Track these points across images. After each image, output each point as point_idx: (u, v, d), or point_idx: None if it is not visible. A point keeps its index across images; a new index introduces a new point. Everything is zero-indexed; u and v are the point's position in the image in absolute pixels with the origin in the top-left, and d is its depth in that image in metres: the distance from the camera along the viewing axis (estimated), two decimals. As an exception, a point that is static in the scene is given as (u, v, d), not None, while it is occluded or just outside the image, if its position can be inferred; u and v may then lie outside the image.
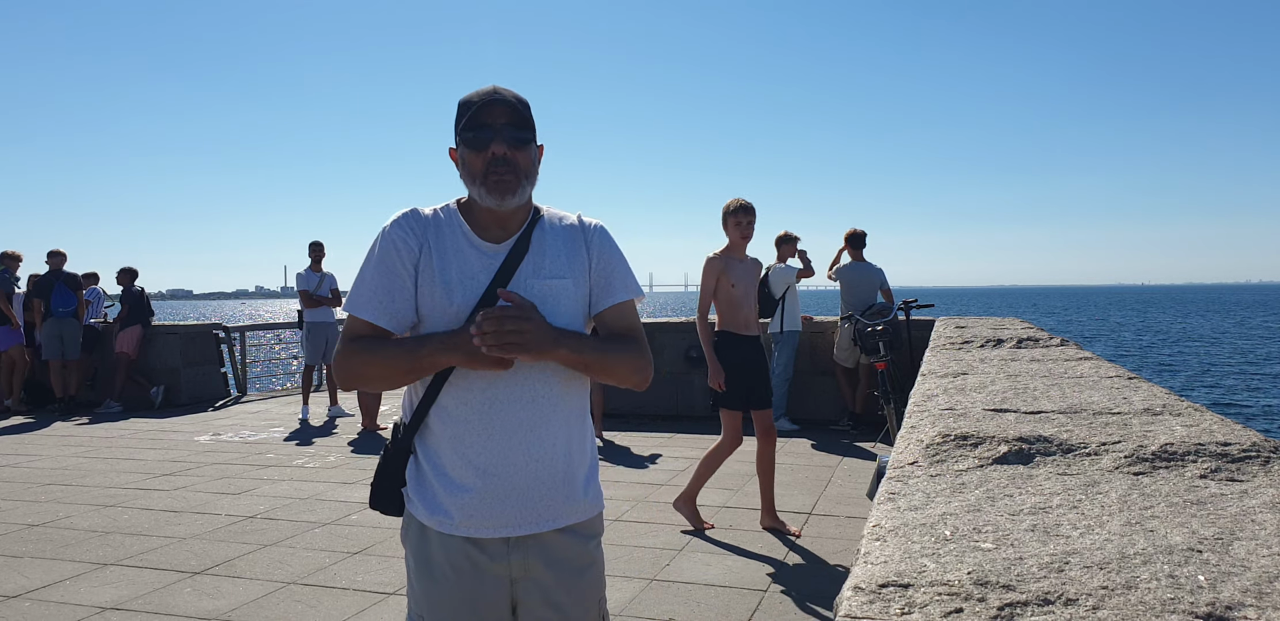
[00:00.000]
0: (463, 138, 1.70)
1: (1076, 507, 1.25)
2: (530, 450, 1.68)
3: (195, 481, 6.31)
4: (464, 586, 1.71)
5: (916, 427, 1.87)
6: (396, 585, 4.05)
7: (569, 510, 1.74)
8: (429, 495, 1.72)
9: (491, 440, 1.67)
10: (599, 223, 1.85)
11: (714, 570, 4.22)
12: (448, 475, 1.69)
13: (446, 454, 1.70)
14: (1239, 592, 0.90)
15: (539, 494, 1.70)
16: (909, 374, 6.84)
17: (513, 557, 1.71)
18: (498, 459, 1.67)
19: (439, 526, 1.71)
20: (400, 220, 1.76)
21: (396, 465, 1.76)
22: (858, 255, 8.59)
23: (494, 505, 1.68)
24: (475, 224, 1.76)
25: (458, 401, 1.69)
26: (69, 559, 4.49)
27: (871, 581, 0.96)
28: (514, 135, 1.69)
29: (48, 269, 10.12)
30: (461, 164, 1.73)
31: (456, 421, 1.69)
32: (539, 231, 1.78)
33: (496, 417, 1.67)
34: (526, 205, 1.78)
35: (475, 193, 1.72)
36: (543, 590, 1.74)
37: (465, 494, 1.68)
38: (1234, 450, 1.54)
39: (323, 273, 9.40)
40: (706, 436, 7.91)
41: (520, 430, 1.68)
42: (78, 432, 8.64)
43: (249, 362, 12.28)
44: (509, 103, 1.69)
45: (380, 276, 1.72)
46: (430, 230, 1.75)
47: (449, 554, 1.71)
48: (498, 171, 1.68)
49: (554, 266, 1.75)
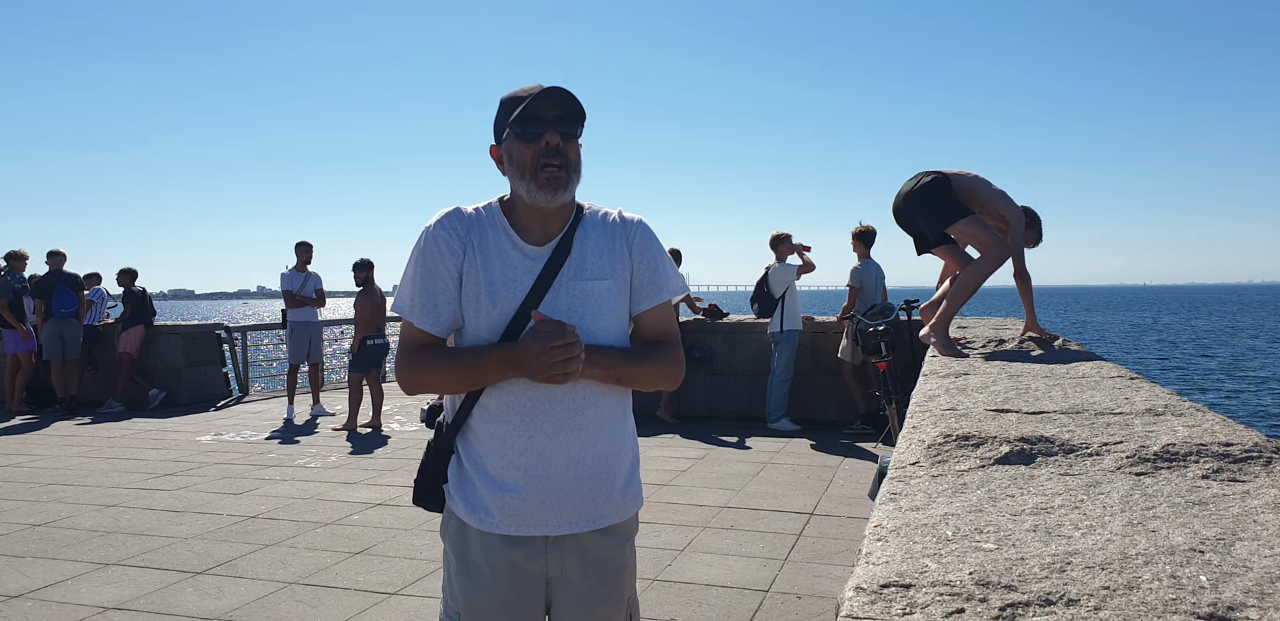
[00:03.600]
0: (513, 130, 1.69)
1: (1078, 508, 1.25)
2: (571, 452, 1.69)
3: (197, 481, 6.31)
4: (500, 585, 1.72)
5: (918, 428, 1.87)
6: (398, 585, 4.06)
7: (608, 511, 1.75)
8: (470, 493, 1.73)
9: (532, 441, 1.68)
10: (640, 218, 1.83)
11: (715, 570, 4.22)
12: (489, 474, 1.70)
13: (488, 453, 1.71)
14: (1241, 593, 0.90)
15: (579, 495, 1.71)
16: (910, 374, 6.83)
17: (550, 556, 1.72)
18: (538, 459, 1.68)
19: (479, 524, 1.72)
20: (444, 220, 1.75)
21: (439, 462, 1.79)
22: (866, 253, 8.36)
23: (534, 505, 1.69)
24: (517, 224, 1.75)
25: (499, 402, 1.70)
26: (71, 558, 4.50)
27: (873, 581, 0.96)
28: (566, 128, 1.69)
29: (48, 269, 10.13)
30: (508, 159, 1.72)
31: (498, 421, 1.69)
32: (581, 231, 1.76)
33: (538, 419, 1.68)
34: (570, 203, 1.77)
35: (523, 188, 1.70)
36: (576, 590, 1.75)
37: (506, 493, 1.69)
38: (1236, 450, 1.54)
39: (308, 273, 9.43)
40: (707, 437, 7.92)
41: (561, 431, 1.69)
42: (79, 432, 8.64)
43: (250, 362, 12.29)
44: (562, 96, 1.69)
45: (424, 279, 1.73)
46: (474, 230, 1.74)
47: (487, 552, 1.72)
48: (551, 164, 1.66)
49: (595, 268, 1.73)
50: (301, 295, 9.33)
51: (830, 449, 7.36)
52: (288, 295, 9.30)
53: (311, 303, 9.41)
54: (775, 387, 8.37)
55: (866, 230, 8.43)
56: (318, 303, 9.47)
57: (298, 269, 9.37)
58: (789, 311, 8.35)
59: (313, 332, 9.51)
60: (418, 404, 10.20)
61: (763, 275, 8.51)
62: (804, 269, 8.35)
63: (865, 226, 8.45)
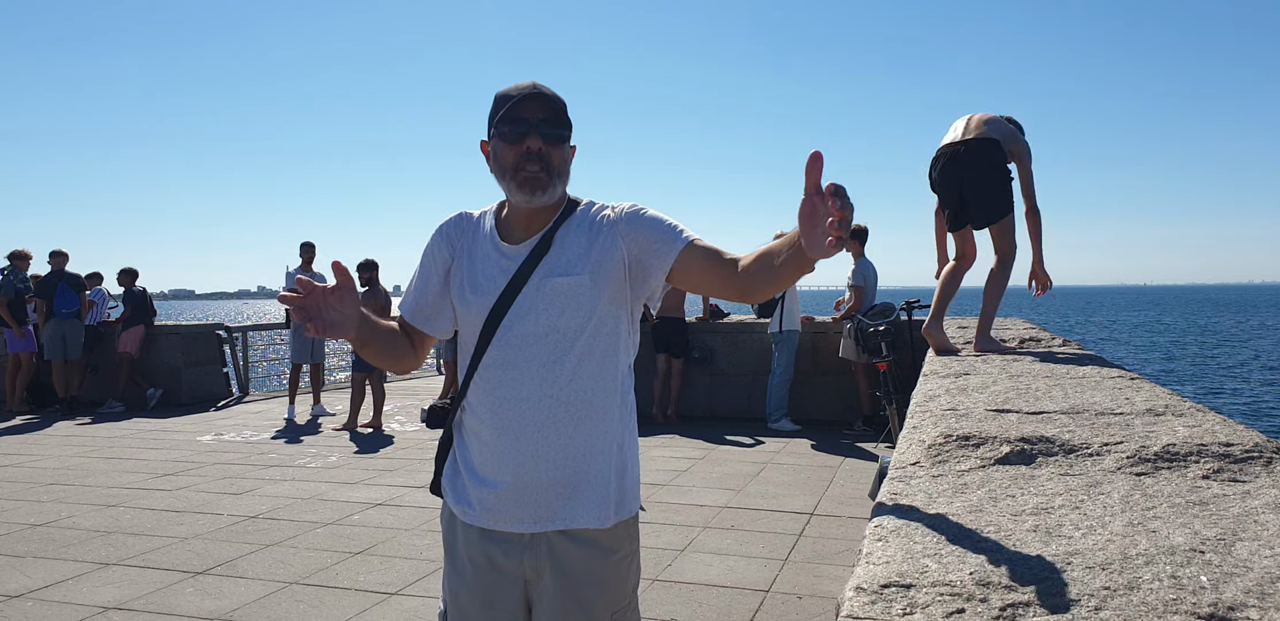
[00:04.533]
0: (498, 130, 1.70)
1: (1079, 508, 1.25)
2: (540, 450, 1.69)
3: (197, 481, 6.31)
4: (479, 580, 1.76)
5: (918, 428, 1.87)
6: (399, 585, 4.06)
7: (578, 514, 1.71)
8: (458, 485, 1.80)
9: (501, 438, 1.71)
10: (628, 205, 1.78)
11: (716, 570, 4.22)
12: (473, 468, 1.76)
13: (472, 447, 1.77)
14: (1241, 593, 0.90)
15: (550, 494, 1.70)
16: (911, 374, 6.83)
17: (525, 557, 1.73)
18: (510, 456, 1.71)
19: (463, 516, 1.77)
20: (443, 225, 1.86)
21: (442, 453, 1.87)
22: (861, 251, 8.30)
23: (507, 501, 1.71)
24: (505, 225, 1.80)
25: (478, 399, 1.75)
26: (71, 558, 4.50)
27: (874, 581, 0.96)
28: (550, 131, 1.69)
29: (49, 269, 10.14)
30: (493, 157, 1.73)
31: (478, 418, 1.75)
32: (564, 228, 1.76)
33: (505, 416, 1.70)
34: (556, 203, 1.77)
35: (505, 188, 1.73)
36: (550, 597, 1.73)
37: (482, 487, 1.74)
38: (1236, 451, 1.54)
39: (312, 272, 9.47)
40: (707, 437, 7.92)
41: (530, 428, 1.69)
42: (80, 432, 8.64)
43: (251, 362, 12.29)
44: (548, 98, 1.70)
45: (418, 280, 1.87)
46: (468, 233, 1.83)
47: (469, 546, 1.77)
48: (529, 167, 1.68)
49: (569, 264, 1.72)
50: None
51: (831, 449, 7.36)
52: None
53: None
54: (776, 388, 8.37)
55: (860, 229, 8.39)
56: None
57: (302, 268, 9.42)
58: (789, 311, 8.34)
59: None
60: (418, 403, 10.20)
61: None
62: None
63: (858, 225, 8.39)
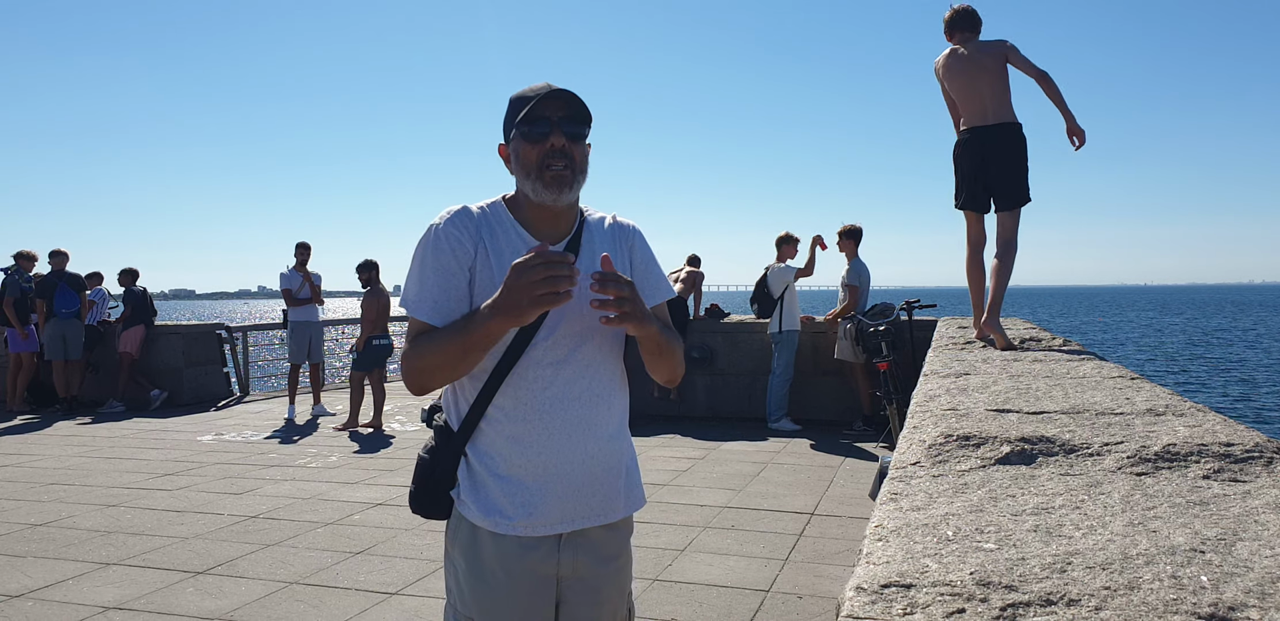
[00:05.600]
0: (520, 131, 1.71)
1: (1079, 508, 1.25)
2: (587, 447, 1.72)
3: (197, 481, 6.31)
4: (515, 588, 1.73)
5: (919, 428, 1.87)
6: (399, 585, 4.06)
7: (618, 505, 1.80)
8: (484, 496, 1.72)
9: (553, 439, 1.69)
10: (634, 224, 1.90)
11: (716, 570, 4.22)
12: (503, 475, 1.70)
13: (503, 454, 1.70)
14: (1242, 593, 0.90)
15: (591, 490, 1.74)
16: (911, 374, 6.83)
17: (562, 557, 1.74)
18: (556, 457, 1.70)
19: (494, 527, 1.71)
20: (454, 219, 1.73)
21: (447, 467, 1.75)
22: (855, 252, 8.32)
23: (551, 503, 1.70)
24: (526, 223, 1.77)
25: (516, 401, 1.69)
26: (71, 558, 4.50)
27: (874, 581, 0.96)
28: (572, 129, 1.71)
29: (50, 269, 10.14)
30: (515, 158, 1.73)
31: (515, 421, 1.69)
32: (588, 231, 1.81)
33: (556, 416, 1.69)
34: (575, 203, 1.80)
35: (529, 187, 1.72)
36: (588, 586, 1.78)
37: (521, 493, 1.69)
38: (1237, 451, 1.54)
39: (306, 272, 9.46)
40: (707, 437, 7.92)
41: (580, 427, 1.71)
42: (80, 432, 8.64)
43: (251, 362, 12.29)
44: (567, 96, 1.71)
45: (437, 276, 1.70)
46: (484, 229, 1.73)
47: (503, 557, 1.71)
48: (555, 165, 1.68)
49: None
50: (300, 296, 9.39)
51: (831, 449, 7.36)
52: (287, 294, 9.39)
53: (313, 291, 9.44)
54: (775, 388, 8.37)
55: (855, 229, 8.37)
56: (316, 299, 9.51)
57: (296, 269, 9.43)
58: (788, 312, 8.35)
59: (313, 332, 9.54)
60: (419, 404, 10.20)
61: (762, 275, 8.52)
62: (802, 272, 8.33)
63: (853, 225, 8.38)
